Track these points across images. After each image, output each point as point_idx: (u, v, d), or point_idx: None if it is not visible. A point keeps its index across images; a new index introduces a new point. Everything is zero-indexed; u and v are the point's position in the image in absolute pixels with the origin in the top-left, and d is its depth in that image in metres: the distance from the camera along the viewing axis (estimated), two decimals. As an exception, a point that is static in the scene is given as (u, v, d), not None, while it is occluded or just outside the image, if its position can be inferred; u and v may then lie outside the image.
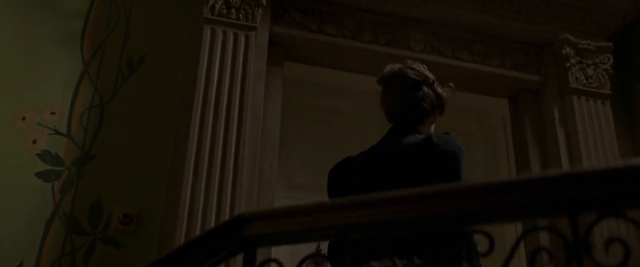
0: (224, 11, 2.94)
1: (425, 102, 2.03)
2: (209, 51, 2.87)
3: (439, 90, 2.10)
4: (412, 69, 2.07)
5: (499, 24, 3.33)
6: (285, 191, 3.17)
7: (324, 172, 3.34)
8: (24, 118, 2.76)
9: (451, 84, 2.13)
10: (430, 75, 2.09)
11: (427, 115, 2.07)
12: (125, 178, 2.75)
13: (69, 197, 2.67)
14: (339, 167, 2.10)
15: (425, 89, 2.04)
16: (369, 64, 3.29)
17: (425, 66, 2.12)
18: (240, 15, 2.96)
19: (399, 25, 3.27)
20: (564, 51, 3.30)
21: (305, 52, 3.23)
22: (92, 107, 2.85)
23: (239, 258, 1.35)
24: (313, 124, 3.35)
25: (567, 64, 3.29)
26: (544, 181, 1.03)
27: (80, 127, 2.80)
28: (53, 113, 2.79)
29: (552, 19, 3.37)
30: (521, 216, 1.28)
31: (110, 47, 2.99)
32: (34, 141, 2.73)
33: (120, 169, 2.77)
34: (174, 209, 2.61)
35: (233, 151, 2.75)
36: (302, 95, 3.41)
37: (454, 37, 3.33)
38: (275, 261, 1.23)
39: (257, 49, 2.98)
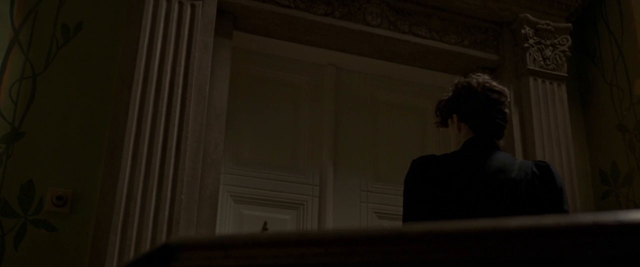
0: (169, -22, 2.74)
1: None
2: (151, 21, 2.68)
3: None
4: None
5: (458, -1, 3.23)
6: (232, 167, 3.06)
7: (274, 148, 3.25)
8: (-54, 90, 2.54)
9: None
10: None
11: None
12: (59, 157, 2.59)
13: (-3, 177, 2.49)
14: (438, 169, 1.81)
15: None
16: (323, 37, 3.16)
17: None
18: (186, -17, 2.76)
19: (356, -2, 3.13)
20: (523, 31, 3.22)
21: (256, 23, 3.07)
22: (23, 78, 2.64)
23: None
24: (263, 97, 3.22)
25: (526, 45, 3.22)
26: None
27: (10, 100, 2.60)
28: (-21, 85, 2.58)
29: (513, -4, 3.28)
30: None
31: (44, 12, 2.76)
32: (-42, 116, 2.53)
33: (54, 147, 2.59)
34: (111, 192, 2.47)
35: (176, 131, 2.61)
36: (251, 67, 3.25)
37: (412, 12, 3.21)
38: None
39: (204, 19, 2.80)
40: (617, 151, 3.23)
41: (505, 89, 1.94)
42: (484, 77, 1.94)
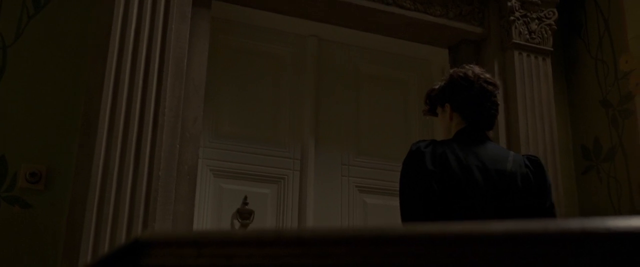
0: (144, -54, 2.63)
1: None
2: (126, -9, 2.58)
3: None
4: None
5: (444, -31, 3.15)
6: (211, 141, 3.00)
7: (254, 121, 3.19)
8: None
9: None
10: None
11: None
12: (32, 132, 2.51)
13: (-33, 153, 2.42)
14: (436, 158, 1.80)
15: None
16: (305, 7, 3.08)
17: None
18: (163, -49, 2.65)
19: (339, -33, 3.03)
20: (509, 3, 3.16)
21: (235, -8, 2.97)
22: (-7, 50, 2.54)
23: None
24: (243, 69, 3.14)
25: (512, 18, 3.16)
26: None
27: (-21, 73, 2.50)
28: (-54, 56, 2.48)
29: (500, -34, 3.21)
30: None
31: (14, -21, 2.65)
32: None
33: (26, 122, 2.51)
34: (87, 168, 2.41)
35: (153, 105, 2.54)
36: (231, 38, 3.17)
37: (397, -17, 3.13)
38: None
39: (181, -11, 2.70)
40: (600, 127, 3.22)
41: (497, 82, 1.98)
42: (479, 69, 1.96)
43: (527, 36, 3.17)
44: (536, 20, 3.20)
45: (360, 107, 3.32)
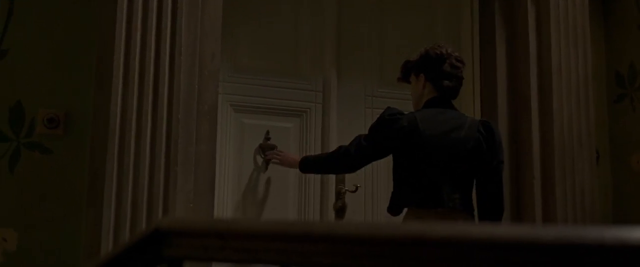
0: None
1: None
2: None
3: None
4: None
5: None
6: (231, 75, 2.90)
7: (274, 53, 3.07)
8: None
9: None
10: None
11: None
12: (47, 76, 2.44)
13: (-18, 100, 2.37)
14: (400, 125, 2.28)
15: None
16: None
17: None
18: None
19: None
20: None
21: None
22: (-1, -10, 2.43)
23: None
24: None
25: None
26: None
27: (-13, 15, 2.40)
28: (-48, -2, 2.38)
29: None
30: None
31: None
32: None
33: (40, 65, 2.44)
34: (105, 115, 2.35)
35: (168, 44, 2.44)
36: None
37: None
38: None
39: None
40: (636, 52, 3.06)
41: (464, 59, 2.43)
42: (451, 49, 2.40)
43: (564, -44, 2.95)
44: (574, -62, 2.96)
45: (384, 35, 3.17)
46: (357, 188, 2.96)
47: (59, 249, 2.38)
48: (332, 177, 2.97)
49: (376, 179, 3.05)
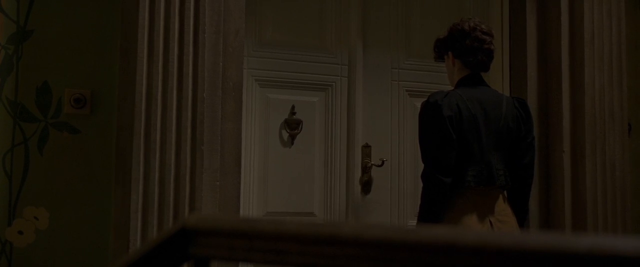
0: None
1: None
2: None
3: None
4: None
5: None
6: (255, 50, 2.87)
7: (299, 26, 3.03)
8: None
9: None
10: None
11: None
12: (73, 56, 2.44)
13: (10, 81, 2.38)
14: (445, 114, 2.21)
15: None
16: None
17: None
18: None
19: None
20: None
21: None
22: (22, -31, 2.41)
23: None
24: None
25: None
26: None
27: (11, -5, 2.40)
28: (-25, -20, 2.38)
29: None
30: None
31: None
32: (-41, 16, 2.36)
33: (65, 45, 2.44)
34: (130, 94, 2.36)
35: (192, 22, 2.42)
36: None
37: None
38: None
39: None
40: (674, 21, 2.95)
41: (492, 30, 2.39)
42: (477, 20, 2.36)
43: None
44: None
45: (410, 5, 3.10)
46: (383, 162, 2.94)
47: (89, 227, 2.41)
48: (358, 152, 2.95)
49: (403, 153, 3.02)
